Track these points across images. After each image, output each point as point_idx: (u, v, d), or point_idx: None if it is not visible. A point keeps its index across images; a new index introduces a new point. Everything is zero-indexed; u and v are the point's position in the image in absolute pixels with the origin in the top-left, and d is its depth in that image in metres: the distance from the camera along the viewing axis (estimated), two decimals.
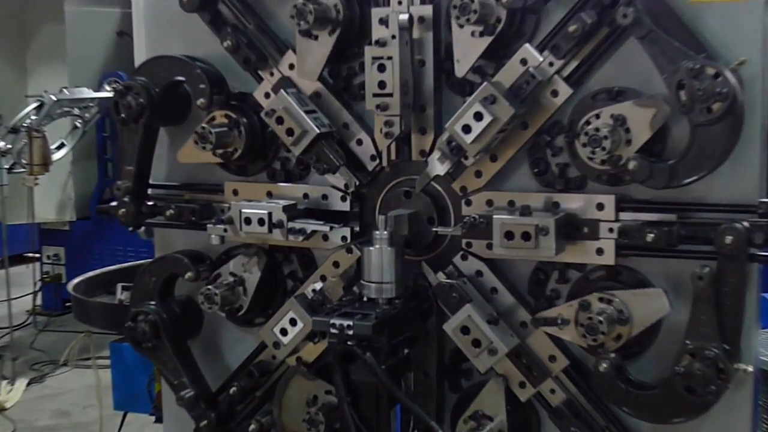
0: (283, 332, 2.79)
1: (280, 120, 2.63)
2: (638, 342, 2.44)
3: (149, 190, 3.00)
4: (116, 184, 2.94)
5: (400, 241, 2.55)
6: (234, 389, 2.93)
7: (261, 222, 2.69)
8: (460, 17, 2.40)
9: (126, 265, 5.27)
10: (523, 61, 2.43)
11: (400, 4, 2.57)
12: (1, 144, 7.44)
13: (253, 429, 2.90)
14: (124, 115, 2.85)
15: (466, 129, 2.40)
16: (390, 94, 2.47)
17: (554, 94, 2.44)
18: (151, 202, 2.97)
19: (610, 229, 2.40)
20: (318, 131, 2.62)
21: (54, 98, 7.55)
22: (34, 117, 7.42)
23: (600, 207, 2.41)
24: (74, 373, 7.74)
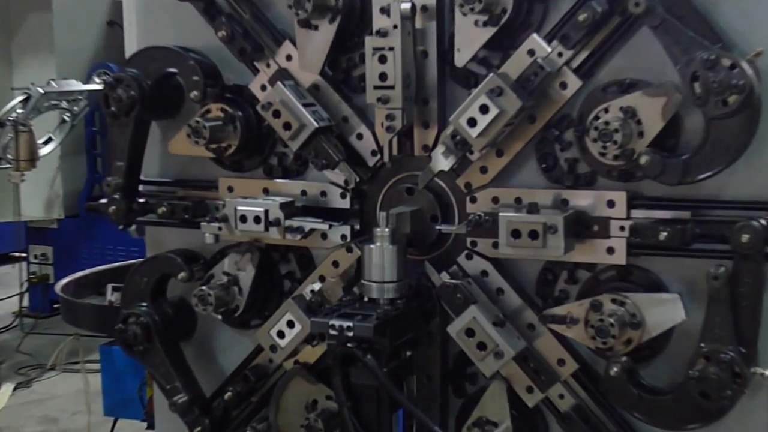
0: (281, 335, 2.77)
1: (276, 113, 2.62)
2: (650, 345, 2.43)
3: (140, 187, 3.00)
4: (106, 180, 2.94)
5: (402, 239, 2.54)
6: (229, 394, 2.91)
7: (257, 220, 2.67)
8: (464, 5, 2.38)
9: (116, 265, 5.29)
10: (531, 52, 2.41)
11: None
12: None
13: None
14: (115, 108, 2.83)
15: (472, 122, 2.38)
16: (392, 87, 2.46)
17: (563, 86, 2.42)
18: (142, 199, 2.96)
19: (621, 227, 2.38)
20: (316, 125, 2.61)
21: (41, 91, 7.46)
22: (20, 110, 7.33)
23: (611, 204, 2.39)
24: (62, 378, 7.68)
